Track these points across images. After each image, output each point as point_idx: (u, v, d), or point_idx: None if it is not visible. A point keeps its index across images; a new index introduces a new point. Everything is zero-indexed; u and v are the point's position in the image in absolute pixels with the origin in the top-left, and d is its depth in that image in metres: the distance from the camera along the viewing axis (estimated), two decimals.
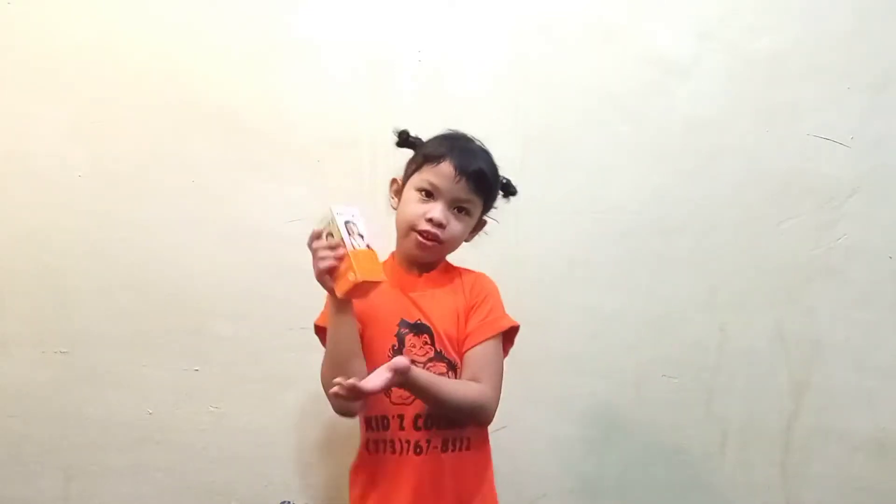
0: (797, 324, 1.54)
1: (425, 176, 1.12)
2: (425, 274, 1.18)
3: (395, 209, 1.18)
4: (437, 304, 1.15)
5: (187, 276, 1.52)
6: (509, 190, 1.23)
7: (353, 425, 1.54)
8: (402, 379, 1.00)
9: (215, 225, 1.52)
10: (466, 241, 1.20)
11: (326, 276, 1.01)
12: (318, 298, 1.14)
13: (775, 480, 1.56)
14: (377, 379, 0.98)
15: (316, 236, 1.03)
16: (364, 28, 1.51)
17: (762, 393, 1.55)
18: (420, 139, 1.19)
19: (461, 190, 1.11)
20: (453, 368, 1.12)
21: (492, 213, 1.23)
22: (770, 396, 1.55)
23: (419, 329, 1.12)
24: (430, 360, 1.11)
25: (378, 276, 1.01)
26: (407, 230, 1.13)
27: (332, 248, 1.00)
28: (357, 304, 1.07)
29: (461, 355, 1.13)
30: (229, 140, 1.51)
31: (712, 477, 1.56)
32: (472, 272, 1.21)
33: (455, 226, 1.13)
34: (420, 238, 1.12)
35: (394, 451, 1.11)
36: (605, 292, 1.54)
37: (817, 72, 1.51)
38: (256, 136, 1.51)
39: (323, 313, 1.14)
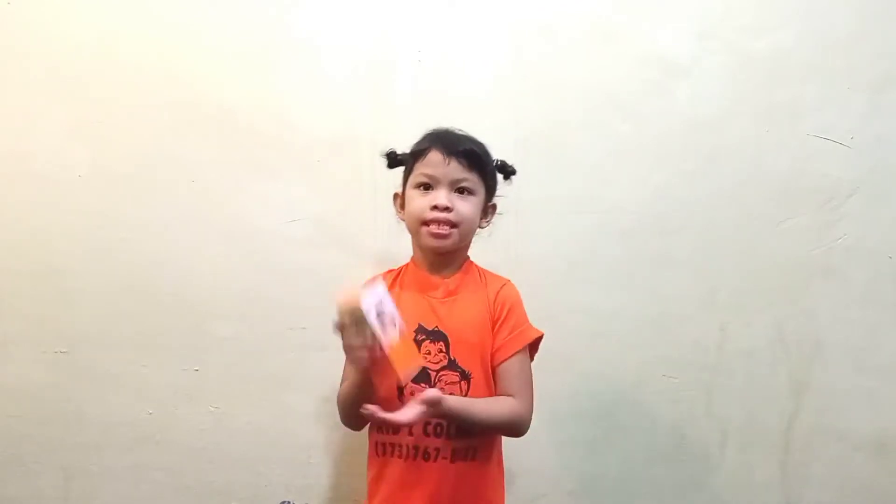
0: (797, 324, 1.54)
1: (418, 171, 1.13)
2: (448, 277, 1.17)
3: (403, 220, 1.19)
4: (457, 312, 1.14)
5: (187, 276, 1.52)
6: (507, 170, 1.22)
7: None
8: (435, 411, 1.02)
9: (215, 225, 1.52)
10: (481, 227, 1.19)
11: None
12: (318, 298, 1.14)
13: (775, 480, 1.56)
14: (410, 413, 1.00)
15: (344, 327, 0.97)
16: (364, 28, 1.51)
17: (762, 393, 1.55)
18: (405, 153, 1.20)
19: (455, 170, 1.11)
20: (466, 378, 1.11)
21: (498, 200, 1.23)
22: (770, 396, 1.55)
23: (436, 336, 1.12)
24: (444, 368, 1.10)
25: (417, 361, 1.05)
26: (417, 227, 1.13)
27: (367, 344, 0.97)
28: None
29: (480, 364, 1.12)
30: (229, 140, 1.51)
31: (712, 477, 1.56)
32: (497, 279, 1.20)
33: (462, 205, 1.12)
34: (431, 228, 1.11)
35: (401, 456, 1.11)
36: (605, 292, 1.54)
37: (817, 72, 1.51)
38: (256, 136, 1.51)
39: None
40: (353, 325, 0.96)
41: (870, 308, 1.53)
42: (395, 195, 1.21)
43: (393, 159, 1.21)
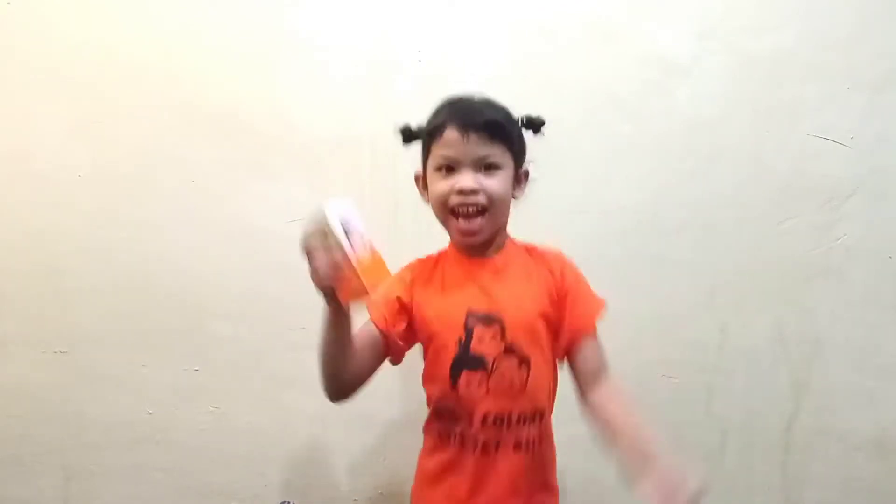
0: (797, 324, 1.54)
1: (436, 152, 1.03)
2: (494, 255, 1.08)
3: (429, 202, 1.08)
4: (509, 291, 1.05)
5: (187, 276, 1.52)
6: (534, 124, 1.11)
7: (354, 424, 1.54)
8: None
9: (215, 225, 1.52)
10: (515, 198, 1.09)
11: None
12: (317, 298, 1.13)
13: (775, 480, 1.56)
14: None
15: (310, 247, 0.87)
16: (364, 28, 1.51)
17: (762, 393, 1.55)
18: (422, 127, 1.09)
19: (477, 146, 1.00)
20: (526, 363, 1.03)
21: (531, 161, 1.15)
22: (770, 396, 1.55)
23: (488, 320, 1.03)
24: (500, 354, 1.02)
25: (388, 279, 0.94)
26: (444, 215, 1.04)
27: (333, 261, 0.86)
28: (420, 296, 1.05)
29: (539, 346, 1.05)
30: (229, 140, 1.51)
31: (712, 477, 1.56)
32: (547, 249, 1.12)
33: (491, 184, 1.01)
34: (460, 224, 1.02)
35: (463, 447, 1.04)
36: (605, 292, 1.54)
37: (817, 72, 1.51)
38: (256, 136, 1.51)
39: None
40: (319, 240, 0.86)
41: (870, 308, 1.53)
42: (417, 176, 1.11)
43: (408, 135, 1.10)
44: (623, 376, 1.55)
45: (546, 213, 1.52)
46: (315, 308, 1.14)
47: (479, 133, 1.00)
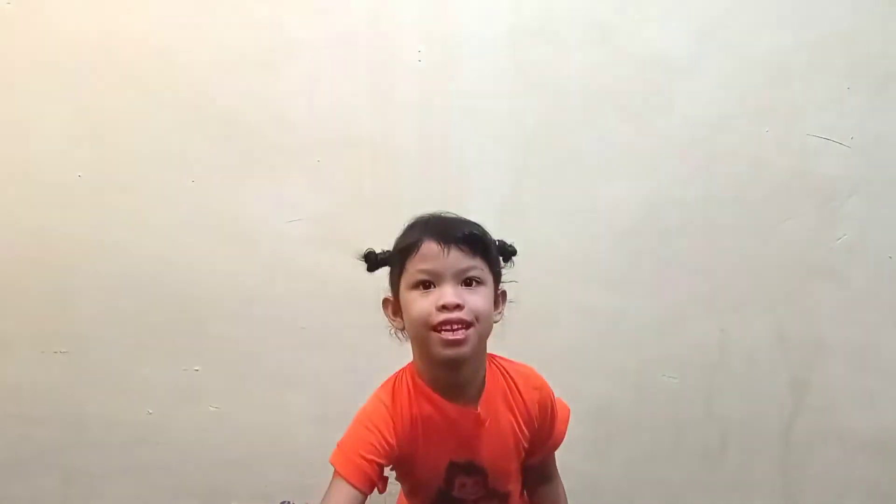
0: (797, 324, 1.54)
1: (413, 269, 0.93)
2: (475, 405, 0.98)
3: (401, 330, 0.99)
4: (492, 442, 0.99)
5: (187, 276, 1.52)
6: (507, 250, 1.02)
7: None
8: None
9: (215, 225, 1.52)
10: (494, 321, 0.99)
11: None
12: (317, 299, 1.14)
13: (775, 480, 1.56)
14: None
15: None
16: (364, 28, 1.51)
17: (762, 393, 1.55)
18: (387, 251, 1.00)
19: (457, 260, 0.92)
20: (505, 498, 1.05)
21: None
22: (770, 396, 1.55)
23: (471, 471, 1.00)
24: (481, 497, 1.02)
25: None
26: (425, 335, 0.92)
27: None
28: (398, 448, 0.97)
29: (516, 481, 1.06)
30: (229, 140, 1.51)
31: (712, 477, 1.56)
32: (520, 371, 1.05)
33: (475, 300, 0.92)
34: (444, 335, 0.90)
35: None
36: (605, 292, 1.54)
37: (817, 72, 1.51)
38: (256, 136, 1.51)
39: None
40: None
41: (870, 308, 1.53)
42: (385, 301, 1.00)
43: (374, 261, 0.99)
44: (623, 376, 1.56)
45: (546, 213, 1.53)
46: (315, 308, 1.15)
47: (461, 246, 0.93)
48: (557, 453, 1.18)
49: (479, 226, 0.98)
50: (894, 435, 1.54)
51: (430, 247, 0.92)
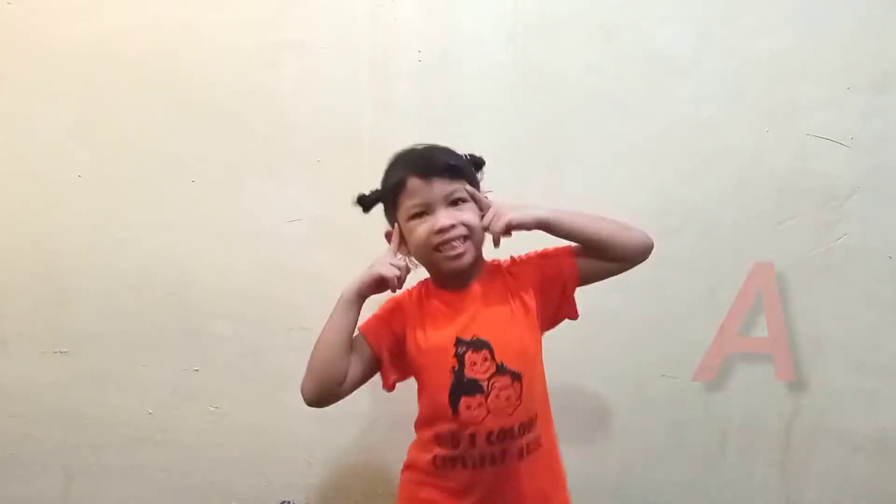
0: (797, 324, 1.54)
1: (405, 204, 1.10)
2: (472, 283, 1.14)
3: (409, 255, 1.15)
4: (492, 314, 1.11)
5: (187, 276, 1.52)
6: (478, 164, 1.19)
7: (353, 424, 1.54)
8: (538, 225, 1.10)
9: (215, 225, 1.52)
10: (485, 229, 1.12)
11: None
12: (318, 298, 1.14)
13: (775, 480, 1.56)
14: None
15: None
16: (364, 28, 1.51)
17: (762, 393, 1.55)
18: (376, 190, 1.18)
19: (441, 187, 1.08)
20: (518, 379, 1.08)
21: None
22: (770, 396, 1.55)
23: (478, 345, 1.09)
24: (493, 375, 1.08)
25: None
26: (430, 255, 1.10)
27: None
28: (409, 330, 1.13)
29: (527, 361, 1.11)
30: (229, 140, 1.51)
31: (712, 477, 1.56)
32: (509, 260, 1.19)
33: (464, 216, 1.09)
34: (447, 252, 1.09)
35: (465, 467, 1.09)
36: (604, 292, 1.53)
37: (817, 72, 1.51)
38: (256, 136, 1.51)
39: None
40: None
41: (870, 308, 1.53)
42: (387, 233, 1.17)
43: (367, 201, 1.18)
44: (623, 376, 1.56)
45: None
46: (315, 308, 1.15)
47: (439, 175, 1.09)
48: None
49: (452, 152, 1.14)
50: (894, 435, 1.55)
51: (414, 182, 1.09)
